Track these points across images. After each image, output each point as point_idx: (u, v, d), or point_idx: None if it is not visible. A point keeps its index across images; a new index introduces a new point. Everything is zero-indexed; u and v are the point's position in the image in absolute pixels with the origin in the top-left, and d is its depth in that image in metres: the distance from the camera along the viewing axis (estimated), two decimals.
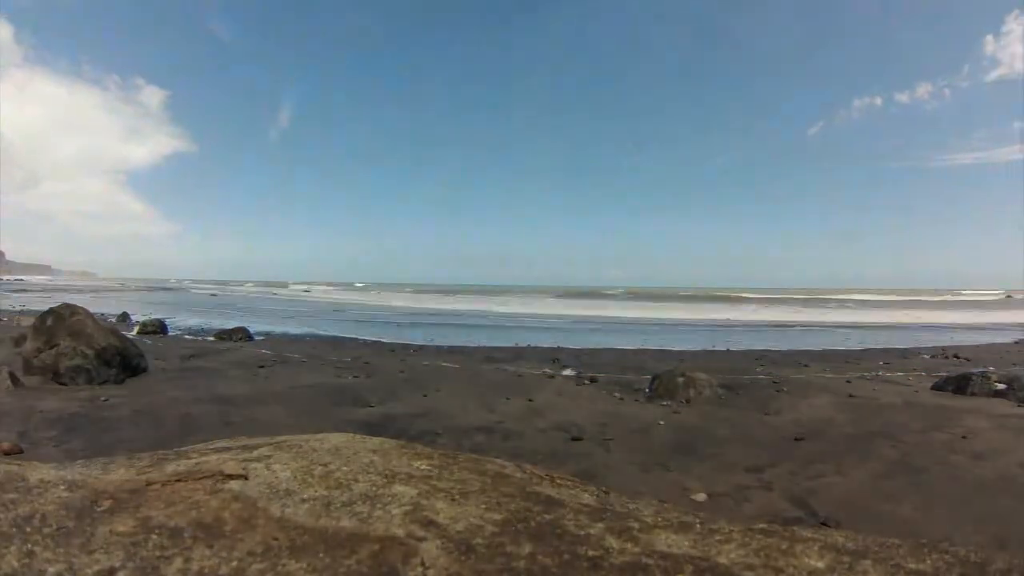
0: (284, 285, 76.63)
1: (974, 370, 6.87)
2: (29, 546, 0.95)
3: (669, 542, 1.10)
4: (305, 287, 65.25)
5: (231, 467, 1.39)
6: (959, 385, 6.55)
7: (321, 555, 0.99)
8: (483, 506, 1.24)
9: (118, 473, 1.36)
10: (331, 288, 65.05)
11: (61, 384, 5.86)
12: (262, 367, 7.58)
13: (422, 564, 0.98)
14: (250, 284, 76.80)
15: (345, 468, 1.44)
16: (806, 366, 9.28)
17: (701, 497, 3.29)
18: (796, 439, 4.53)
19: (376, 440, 1.85)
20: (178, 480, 1.28)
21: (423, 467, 1.51)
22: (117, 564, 0.93)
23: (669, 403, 5.92)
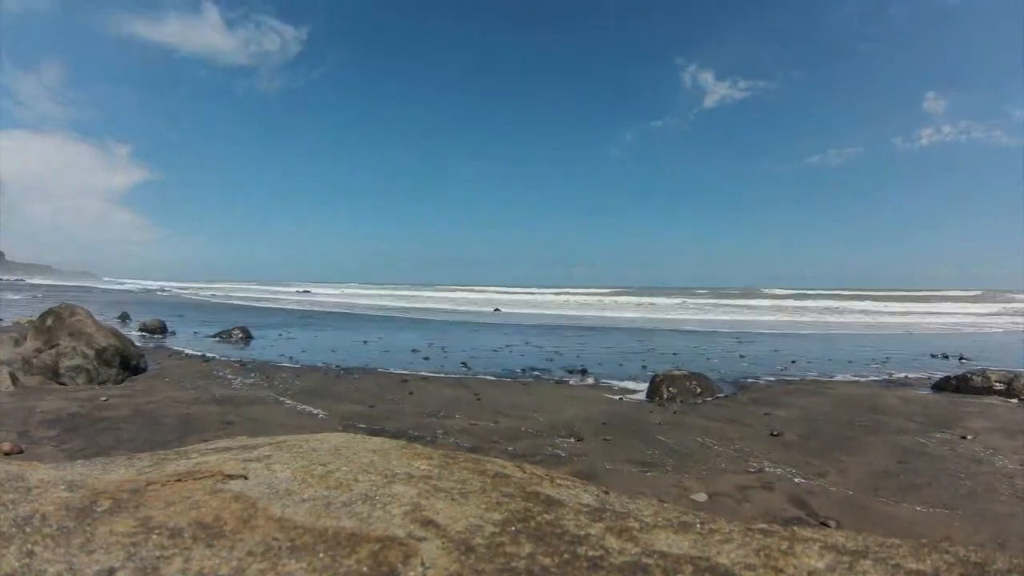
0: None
1: (974, 370, 6.86)
2: (29, 546, 0.95)
3: (669, 542, 1.10)
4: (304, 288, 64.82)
5: (231, 467, 1.39)
6: (959, 385, 6.55)
7: (321, 555, 0.99)
8: (483, 506, 1.24)
9: (118, 473, 1.36)
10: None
11: (61, 384, 5.87)
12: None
13: (422, 564, 0.98)
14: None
15: (345, 468, 1.44)
16: (806, 366, 9.27)
17: (701, 497, 3.29)
18: (797, 439, 4.53)
19: (376, 440, 1.85)
20: (178, 480, 1.28)
21: (423, 467, 1.51)
22: (117, 564, 0.93)
23: (669, 403, 5.92)
